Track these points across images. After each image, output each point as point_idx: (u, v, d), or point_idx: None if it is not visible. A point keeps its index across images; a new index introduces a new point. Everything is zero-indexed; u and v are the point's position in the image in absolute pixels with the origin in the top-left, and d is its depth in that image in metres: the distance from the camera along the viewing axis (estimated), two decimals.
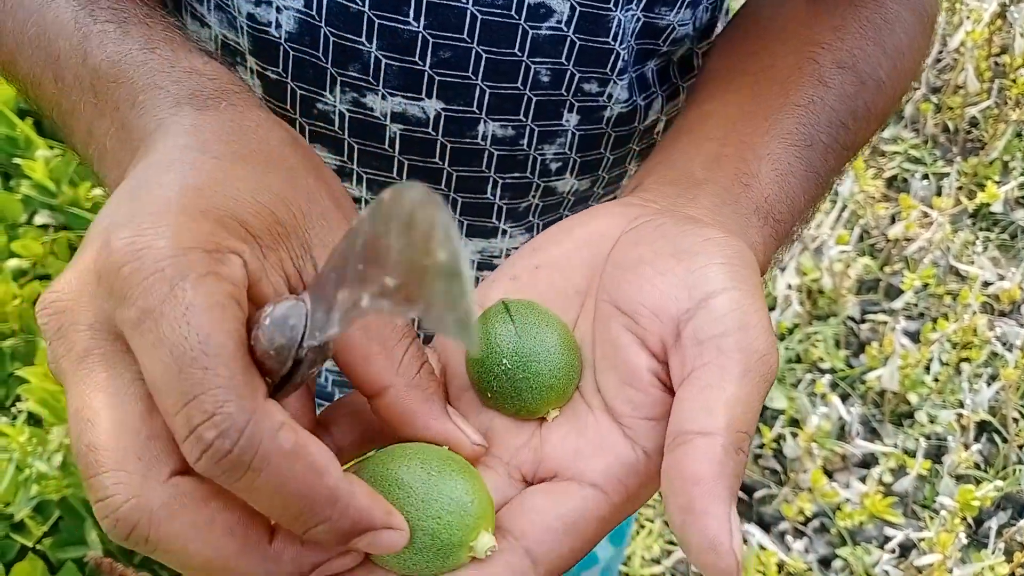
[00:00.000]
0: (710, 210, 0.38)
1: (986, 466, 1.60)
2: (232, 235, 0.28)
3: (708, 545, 0.28)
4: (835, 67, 0.45)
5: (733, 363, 0.31)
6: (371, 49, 0.45)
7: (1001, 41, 2.27)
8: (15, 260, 1.54)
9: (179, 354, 0.25)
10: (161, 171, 0.30)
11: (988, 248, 1.94)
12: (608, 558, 0.99)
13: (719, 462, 0.29)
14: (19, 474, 1.20)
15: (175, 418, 0.25)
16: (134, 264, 0.26)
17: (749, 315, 0.32)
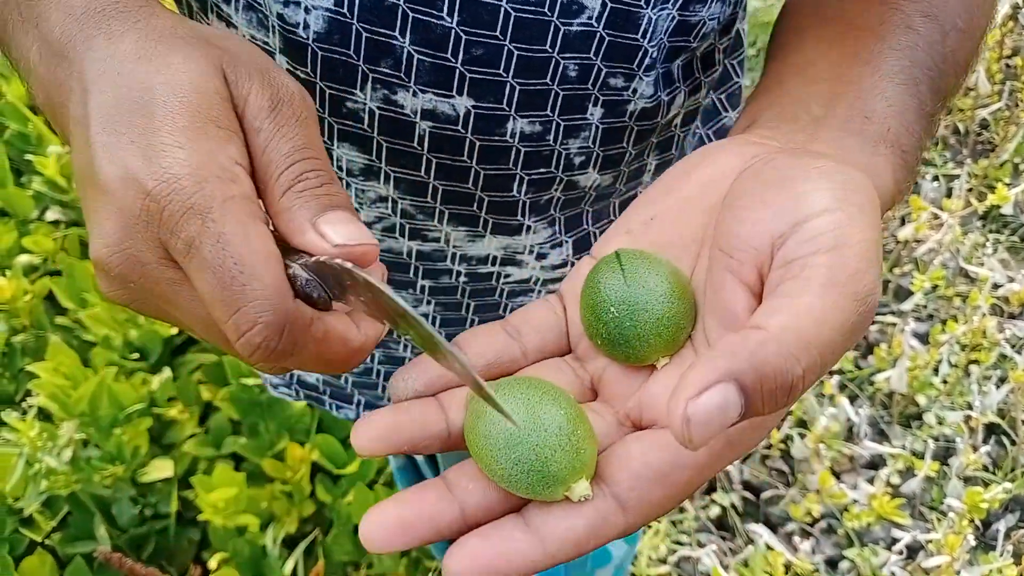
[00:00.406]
0: (832, 143, 0.38)
1: (994, 468, 1.59)
2: (224, 143, 0.33)
3: (674, 395, 0.27)
4: (920, 16, 0.45)
5: (816, 275, 0.29)
6: (404, 44, 0.45)
7: (1013, 43, 2.26)
8: (26, 256, 1.54)
9: (220, 275, 0.31)
10: (130, 110, 0.33)
11: (998, 250, 1.93)
12: (621, 556, 0.99)
13: (744, 344, 0.27)
14: (29, 469, 1.21)
15: (226, 325, 0.32)
16: (170, 207, 0.31)
17: (848, 236, 0.30)
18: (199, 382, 1.43)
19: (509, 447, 0.32)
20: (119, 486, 1.27)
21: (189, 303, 0.34)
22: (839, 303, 0.29)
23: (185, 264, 0.32)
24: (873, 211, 0.32)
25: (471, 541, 0.31)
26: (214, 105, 0.34)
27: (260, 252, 0.32)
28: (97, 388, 1.24)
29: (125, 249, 0.33)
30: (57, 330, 1.47)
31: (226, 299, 0.31)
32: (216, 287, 0.31)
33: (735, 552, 1.54)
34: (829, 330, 0.28)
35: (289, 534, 1.30)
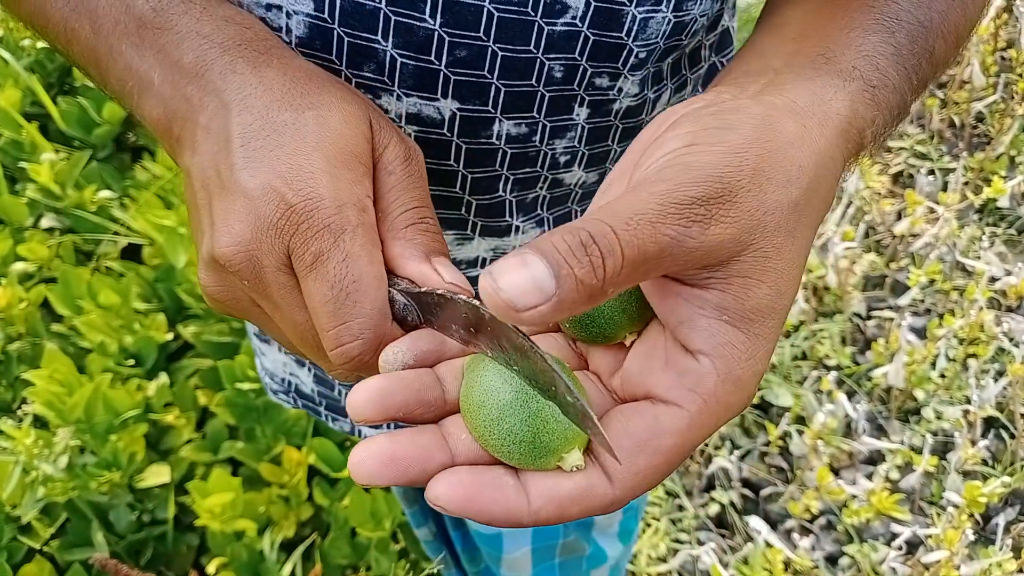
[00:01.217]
0: (779, 86, 0.37)
1: (993, 462, 1.59)
2: (362, 176, 0.38)
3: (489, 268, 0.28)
4: None
5: (647, 177, 0.32)
6: (387, 47, 0.45)
7: (1007, 35, 2.26)
8: (21, 263, 1.54)
9: (339, 288, 0.36)
10: (278, 131, 0.38)
11: (995, 243, 1.93)
12: (617, 556, 0.99)
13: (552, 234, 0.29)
14: (25, 476, 1.21)
15: (328, 333, 0.36)
16: (309, 222, 0.36)
17: (694, 154, 0.31)
18: (196, 387, 1.43)
19: (502, 418, 0.32)
20: (116, 492, 1.27)
21: (290, 308, 0.38)
22: (641, 196, 0.30)
23: (304, 273, 0.37)
24: (741, 144, 0.32)
25: (462, 472, 0.32)
26: (360, 144, 0.39)
27: (375, 275, 0.37)
28: (92, 395, 1.24)
29: (251, 250, 0.37)
30: (53, 337, 1.47)
31: (336, 310, 0.36)
32: (331, 297, 0.36)
33: (735, 550, 1.54)
34: (636, 219, 0.29)
35: (287, 538, 1.30)
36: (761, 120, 0.33)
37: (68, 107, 1.75)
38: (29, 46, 1.92)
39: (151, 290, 1.52)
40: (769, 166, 0.32)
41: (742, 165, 0.31)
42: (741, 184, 0.31)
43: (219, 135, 0.38)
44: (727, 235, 0.30)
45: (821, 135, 0.35)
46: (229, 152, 0.38)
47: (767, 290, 0.32)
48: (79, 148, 1.77)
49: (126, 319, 1.42)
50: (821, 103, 0.36)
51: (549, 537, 0.92)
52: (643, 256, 0.29)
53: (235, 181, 0.37)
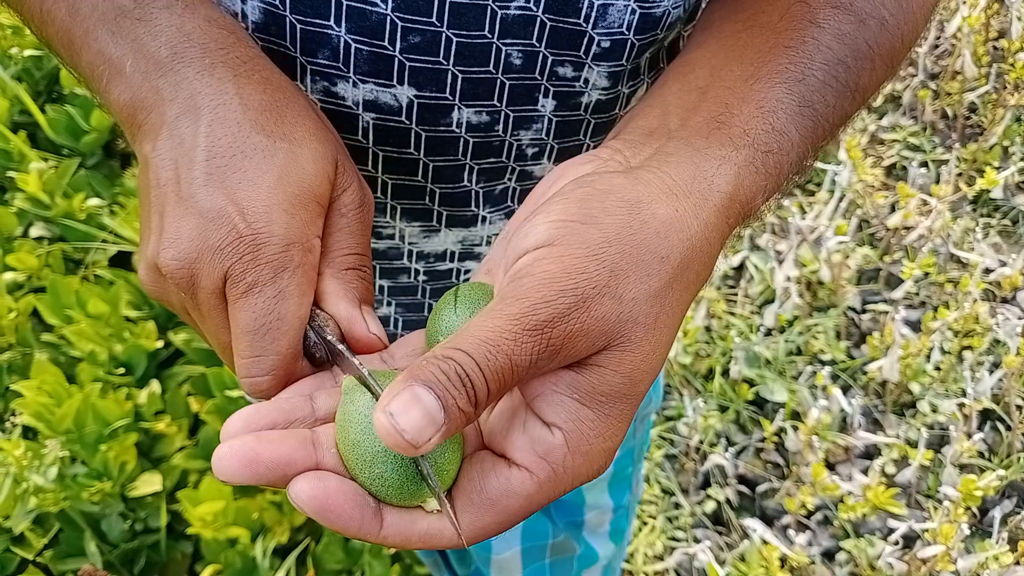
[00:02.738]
0: (667, 154, 0.39)
1: (990, 455, 1.58)
2: (316, 217, 0.39)
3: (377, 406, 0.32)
4: (828, 7, 0.44)
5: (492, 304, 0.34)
6: (340, 33, 0.45)
7: (999, 25, 2.25)
8: (10, 273, 1.54)
9: (262, 322, 0.37)
10: (245, 154, 0.38)
11: (989, 234, 1.92)
12: (609, 556, 0.99)
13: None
14: (16, 487, 1.21)
15: (242, 360, 0.38)
16: (254, 254, 0.37)
17: (539, 267, 0.33)
18: (187, 394, 1.43)
19: (375, 462, 0.34)
20: (108, 502, 1.27)
21: (216, 328, 0.39)
22: (490, 321, 0.32)
23: (235, 299, 0.37)
24: (600, 241, 0.34)
25: (330, 479, 0.33)
26: (322, 185, 0.40)
27: (300, 317, 0.38)
28: (82, 405, 1.24)
29: (191, 266, 0.37)
30: (43, 347, 1.46)
31: (254, 343, 0.37)
32: (252, 329, 0.37)
33: (731, 547, 1.53)
34: (481, 338, 0.31)
35: (280, 544, 1.30)
36: (629, 210, 0.34)
37: (56, 115, 1.75)
38: (16, 55, 1.91)
39: (141, 297, 1.52)
40: (628, 263, 0.33)
41: (598, 269, 0.33)
42: (596, 290, 0.32)
43: (185, 139, 0.38)
44: (583, 344, 0.33)
45: (696, 217, 0.36)
46: (192, 162, 0.38)
47: (621, 379, 0.34)
48: (68, 156, 1.77)
49: (116, 327, 1.42)
50: (703, 181, 0.37)
51: (539, 537, 0.92)
52: (505, 382, 0.31)
53: (192, 196, 0.37)
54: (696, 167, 0.37)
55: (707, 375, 1.76)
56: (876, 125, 2.20)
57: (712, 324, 1.82)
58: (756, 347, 1.75)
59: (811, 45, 0.43)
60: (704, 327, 1.81)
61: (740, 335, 1.79)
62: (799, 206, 2.02)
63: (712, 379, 1.74)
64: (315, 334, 0.40)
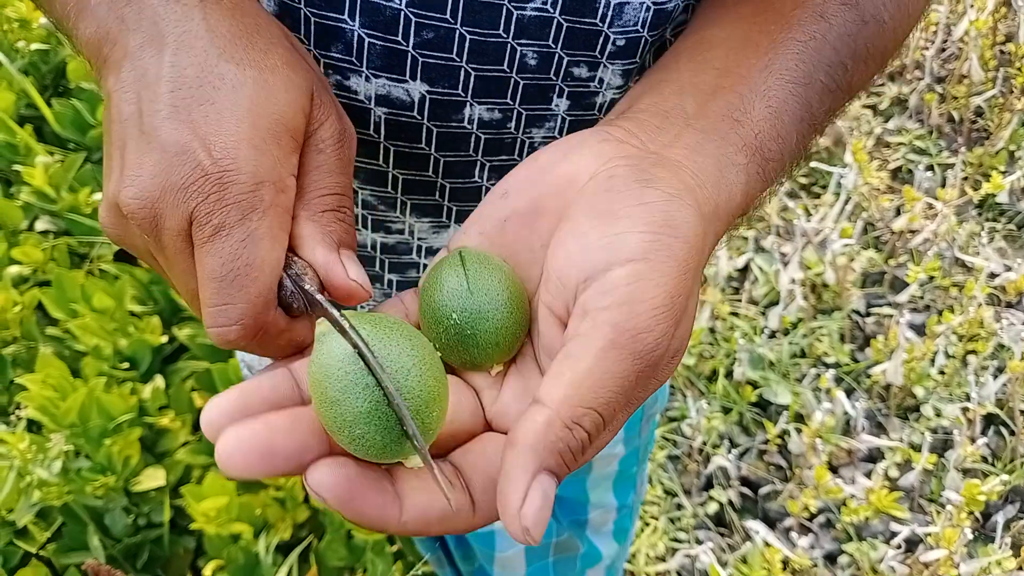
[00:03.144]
0: (691, 149, 0.38)
1: (993, 459, 1.58)
2: (290, 153, 0.37)
3: (505, 509, 0.31)
4: (838, 3, 0.44)
5: (599, 336, 0.32)
6: (354, 27, 0.45)
7: (1006, 29, 2.25)
8: (16, 267, 1.54)
9: (229, 268, 0.34)
10: (213, 84, 0.35)
11: (994, 239, 1.92)
12: (612, 555, 0.99)
13: (537, 432, 0.31)
14: (20, 481, 1.21)
15: (208, 308, 0.35)
16: (220, 193, 0.34)
17: (643, 290, 0.32)
18: (191, 390, 1.43)
19: (356, 423, 0.31)
20: (111, 496, 1.27)
21: (182, 273, 0.37)
22: (620, 366, 0.32)
23: (201, 243, 0.35)
24: (685, 256, 0.34)
25: (349, 466, 0.32)
26: (296, 117, 0.37)
27: (272, 262, 0.36)
28: (86, 399, 1.24)
29: (155, 207, 0.35)
30: (47, 341, 1.47)
31: (221, 290, 0.35)
32: (219, 275, 0.35)
33: (733, 548, 1.53)
34: (607, 392, 0.31)
35: (283, 540, 1.30)
36: (690, 227, 0.34)
37: (62, 109, 1.75)
38: (23, 48, 1.92)
39: (146, 292, 1.52)
40: (682, 312, 0.34)
41: (686, 286, 0.33)
42: (682, 309, 0.33)
43: (149, 70, 0.36)
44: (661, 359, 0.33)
45: (714, 232, 0.37)
46: (156, 95, 0.35)
47: (656, 382, 0.34)
48: (73, 150, 1.77)
49: (120, 322, 1.42)
50: (724, 191, 0.38)
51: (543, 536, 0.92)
52: (600, 431, 0.32)
53: (155, 129, 0.35)
54: (721, 172, 0.38)
55: (711, 376, 1.76)
56: (882, 128, 2.19)
57: (716, 326, 1.82)
58: (760, 349, 1.75)
59: (820, 43, 0.43)
60: (708, 328, 1.80)
61: (744, 337, 1.78)
62: (804, 208, 2.02)
63: (716, 381, 1.74)
64: (291, 282, 0.37)
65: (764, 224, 2.00)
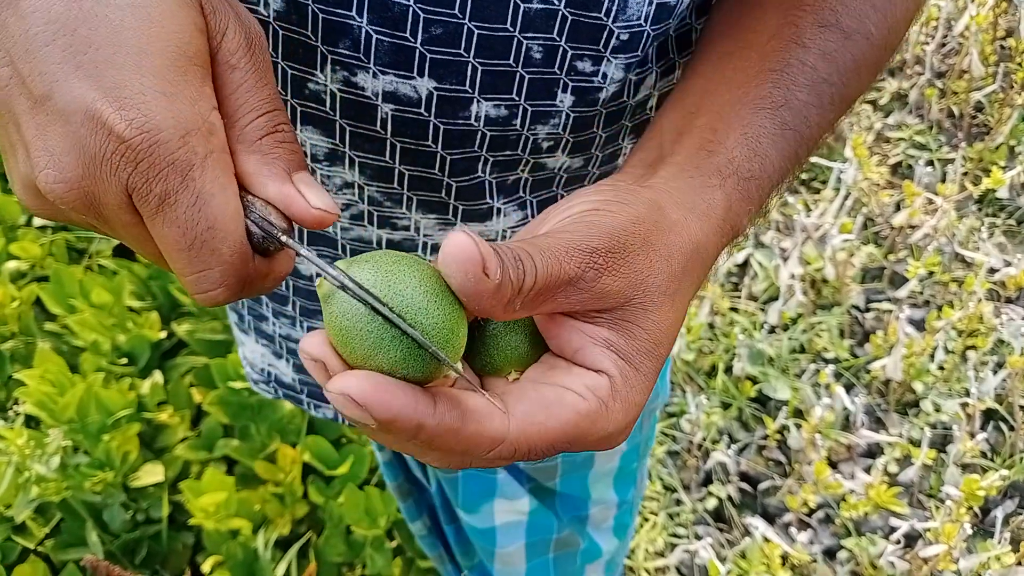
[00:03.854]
0: (666, 179, 0.41)
1: (992, 455, 1.58)
2: (201, 84, 0.33)
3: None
4: (816, 27, 0.46)
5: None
6: (362, 23, 0.45)
7: (1007, 24, 2.25)
8: (13, 262, 1.54)
9: (192, 236, 0.32)
10: (89, 24, 0.31)
11: (994, 234, 1.92)
12: (612, 551, 0.99)
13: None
14: (18, 476, 1.20)
15: (186, 278, 0.34)
16: (149, 159, 0.31)
17: (595, 213, 0.36)
18: (190, 385, 1.42)
19: (393, 370, 0.31)
20: (110, 492, 1.27)
21: (139, 242, 0.34)
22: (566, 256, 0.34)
23: (151, 216, 0.32)
24: (636, 212, 0.36)
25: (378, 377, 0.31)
26: (193, 38, 0.33)
27: (231, 216, 0.33)
28: (85, 394, 1.24)
29: (84, 187, 0.32)
30: (45, 336, 1.46)
31: (192, 259, 0.33)
32: (183, 245, 0.32)
33: (732, 544, 1.53)
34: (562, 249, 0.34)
35: (282, 536, 1.30)
36: (653, 202, 0.37)
37: None
38: None
39: (144, 288, 1.51)
40: (656, 239, 0.36)
41: (636, 231, 0.35)
42: (633, 247, 0.35)
43: (8, 24, 0.32)
44: (616, 286, 0.35)
45: (699, 228, 0.39)
46: (30, 51, 0.31)
47: (647, 336, 0.36)
48: None
49: (119, 317, 1.42)
50: (701, 203, 0.40)
51: (543, 532, 0.92)
52: (549, 283, 0.32)
53: (48, 96, 0.31)
54: (693, 191, 0.40)
55: (710, 372, 1.76)
56: (882, 123, 2.19)
57: (716, 321, 1.82)
58: (759, 344, 1.75)
59: (796, 67, 0.45)
60: (708, 324, 1.80)
61: (744, 332, 1.78)
62: (804, 204, 2.02)
63: (715, 376, 1.74)
64: (257, 228, 0.34)
65: (764, 220, 1.99)
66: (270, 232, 0.35)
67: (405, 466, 1.00)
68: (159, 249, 0.34)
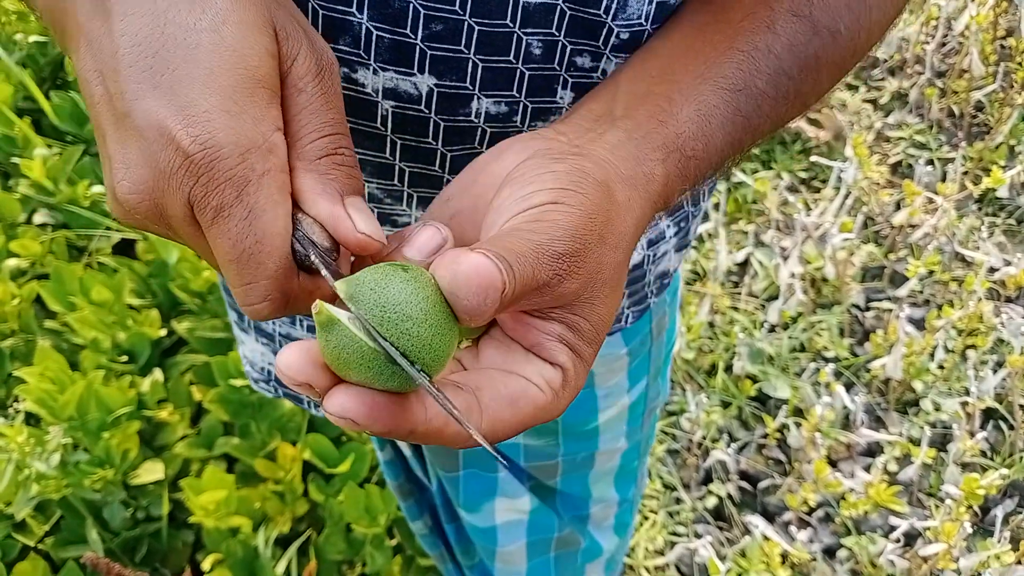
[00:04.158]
0: (612, 145, 0.41)
1: (992, 454, 1.58)
2: (267, 107, 0.35)
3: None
4: (789, 15, 0.45)
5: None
6: (362, 20, 0.44)
7: (1007, 24, 2.24)
8: (14, 260, 1.54)
9: (241, 249, 0.34)
10: (167, 48, 0.34)
11: (994, 233, 1.92)
12: (612, 549, 0.99)
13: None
14: (18, 474, 1.20)
15: (234, 289, 0.36)
16: (209, 174, 0.33)
17: (549, 214, 0.35)
18: (190, 383, 1.42)
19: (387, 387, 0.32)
20: (110, 489, 1.27)
21: (202, 251, 0.37)
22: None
23: (207, 226, 0.34)
24: (592, 205, 0.36)
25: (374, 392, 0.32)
26: (263, 62, 0.35)
27: (279, 232, 0.35)
28: (85, 392, 1.24)
29: (155, 198, 0.35)
30: (45, 334, 1.46)
31: (240, 272, 0.35)
32: (233, 257, 0.34)
33: (732, 542, 1.53)
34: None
35: (282, 534, 1.30)
36: (601, 190, 0.37)
37: (61, 102, 1.74)
38: (21, 41, 1.91)
39: (144, 285, 1.51)
40: (608, 232, 0.37)
41: (592, 229, 0.36)
42: (590, 245, 0.36)
43: (103, 44, 0.35)
44: (573, 287, 0.36)
45: (639, 205, 0.40)
46: (116, 72, 0.34)
47: (592, 328, 0.37)
48: (72, 143, 1.76)
49: (119, 315, 1.41)
50: (643, 176, 0.40)
51: (544, 531, 0.92)
52: (524, 291, 0.33)
53: (128, 114, 0.34)
54: (637, 163, 0.40)
55: (710, 371, 1.76)
56: (882, 123, 2.19)
57: (715, 320, 1.82)
58: (759, 343, 1.75)
59: (762, 53, 0.44)
60: (707, 323, 1.80)
61: (744, 331, 1.78)
62: (804, 203, 2.02)
63: (715, 375, 1.74)
64: (299, 244, 0.36)
65: (764, 218, 1.99)
66: (306, 250, 0.36)
67: (406, 465, 1.00)
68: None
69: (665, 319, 0.83)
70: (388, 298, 0.31)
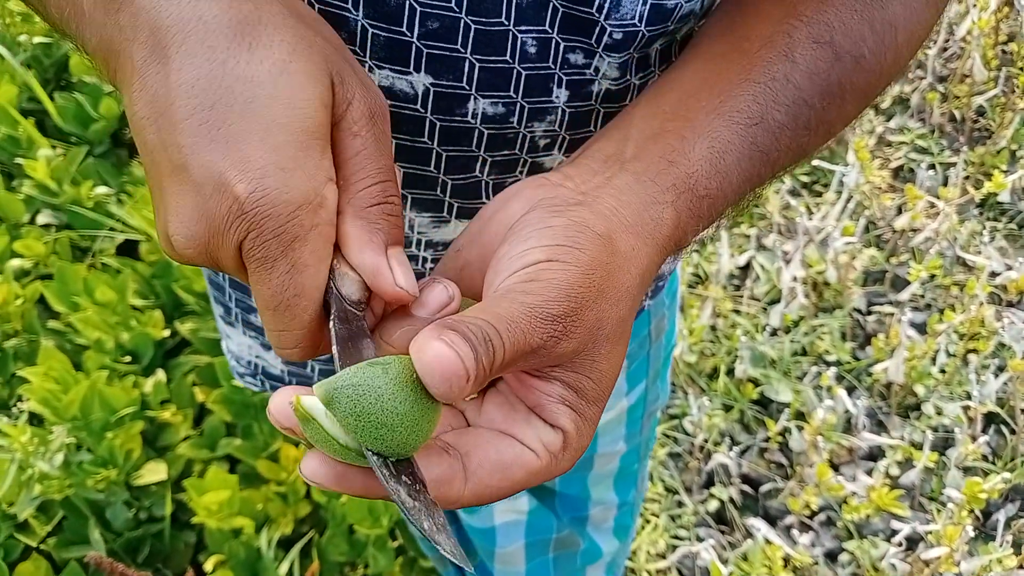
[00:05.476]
0: (619, 189, 0.40)
1: (994, 458, 1.58)
2: (320, 158, 0.36)
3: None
4: (809, 42, 0.44)
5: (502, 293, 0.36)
6: (357, 17, 0.44)
7: (1008, 29, 2.25)
8: (17, 260, 1.54)
9: (279, 299, 0.36)
10: (224, 101, 0.35)
11: (995, 238, 1.92)
12: (613, 552, 0.99)
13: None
14: (21, 474, 1.21)
15: (269, 331, 0.38)
16: (259, 228, 0.35)
17: (545, 272, 0.35)
18: (193, 384, 1.43)
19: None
20: (113, 490, 1.27)
21: (251, 286, 0.38)
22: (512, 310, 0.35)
23: (252, 271, 0.36)
24: (588, 261, 0.36)
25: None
26: (317, 115, 0.36)
27: (317, 287, 0.37)
28: (88, 392, 1.24)
29: (205, 246, 0.36)
30: (49, 334, 1.46)
31: (276, 319, 0.37)
32: (271, 305, 0.36)
33: (734, 546, 1.53)
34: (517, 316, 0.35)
35: (285, 535, 1.30)
36: (602, 244, 0.37)
37: (65, 103, 1.75)
38: (26, 42, 1.91)
39: (148, 286, 1.52)
40: (608, 286, 0.37)
41: (590, 285, 0.36)
42: (587, 303, 0.36)
43: (159, 93, 0.35)
44: (571, 347, 0.36)
45: (646, 253, 0.40)
46: (173, 124, 0.35)
47: (595, 386, 0.37)
48: (76, 144, 1.77)
49: (123, 316, 1.42)
50: (651, 221, 0.40)
51: (543, 532, 0.92)
52: (516, 356, 0.34)
53: (185, 167, 0.35)
54: (645, 208, 0.40)
55: (712, 374, 1.76)
56: (884, 127, 2.19)
57: (718, 323, 1.82)
58: (761, 347, 1.75)
59: (780, 83, 0.44)
60: (710, 326, 1.81)
61: (746, 335, 1.78)
62: (806, 206, 2.02)
63: (717, 378, 1.74)
64: (327, 296, 0.38)
65: (766, 222, 2.00)
66: (329, 304, 0.38)
67: None
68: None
69: (664, 321, 0.83)
70: (364, 407, 0.33)
